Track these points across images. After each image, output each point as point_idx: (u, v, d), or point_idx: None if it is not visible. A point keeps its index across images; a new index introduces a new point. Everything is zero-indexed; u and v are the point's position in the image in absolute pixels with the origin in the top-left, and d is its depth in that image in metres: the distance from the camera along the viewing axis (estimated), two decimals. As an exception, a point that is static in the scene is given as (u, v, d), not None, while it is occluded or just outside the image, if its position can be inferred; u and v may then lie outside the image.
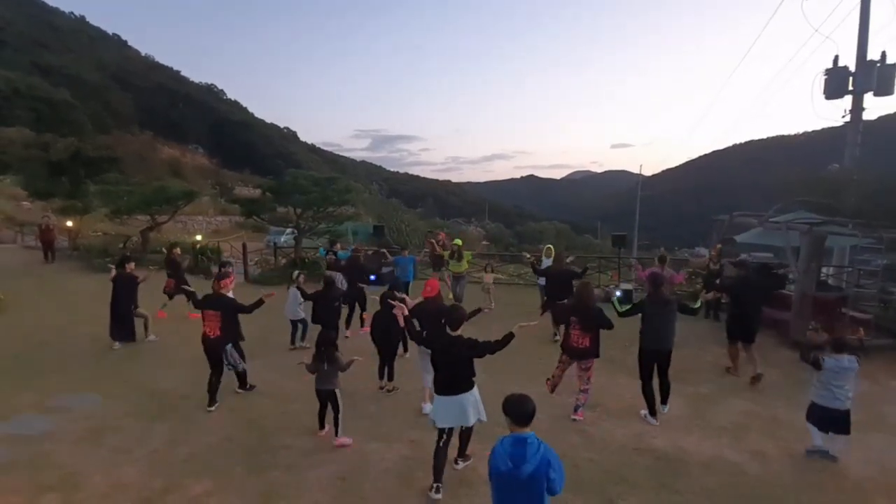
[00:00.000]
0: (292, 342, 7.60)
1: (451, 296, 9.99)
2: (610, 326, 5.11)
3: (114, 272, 7.60)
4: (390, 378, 6.00)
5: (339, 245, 10.71)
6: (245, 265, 14.23)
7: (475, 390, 4.00)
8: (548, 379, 5.49)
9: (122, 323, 7.54)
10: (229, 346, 5.51)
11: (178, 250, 10.02)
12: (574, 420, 5.10)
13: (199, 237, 17.45)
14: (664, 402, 5.33)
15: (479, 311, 5.33)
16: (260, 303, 5.51)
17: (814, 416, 4.48)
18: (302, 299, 7.25)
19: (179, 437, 4.78)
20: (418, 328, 4.68)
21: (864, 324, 7.63)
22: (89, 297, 7.33)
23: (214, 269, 14.74)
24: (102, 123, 52.20)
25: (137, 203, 15.25)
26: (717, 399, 5.79)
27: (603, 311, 5.18)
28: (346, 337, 7.83)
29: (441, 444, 3.92)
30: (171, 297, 9.12)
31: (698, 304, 5.41)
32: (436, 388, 4.03)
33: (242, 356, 5.81)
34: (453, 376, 3.92)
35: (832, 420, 4.36)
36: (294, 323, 7.60)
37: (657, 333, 5.12)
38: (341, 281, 8.26)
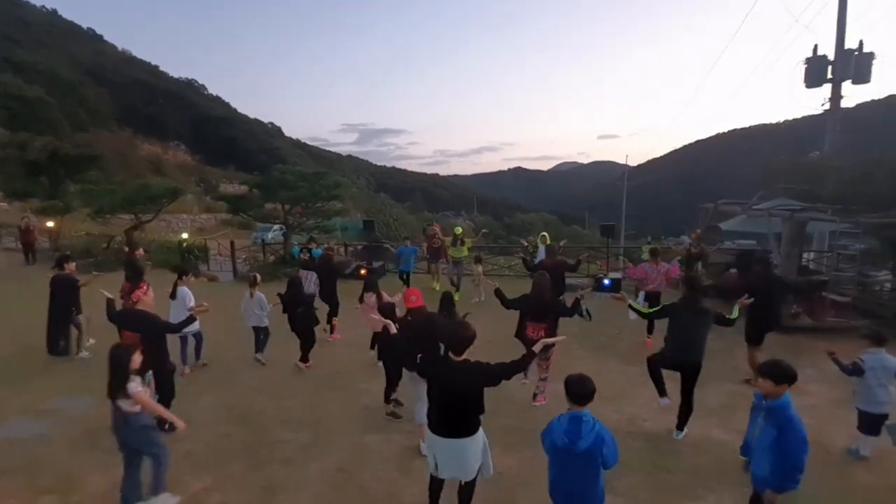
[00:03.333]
0: (256, 350, 6.85)
1: (444, 285, 10.56)
2: (570, 314, 5.14)
3: (52, 273, 6.84)
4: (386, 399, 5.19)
5: (314, 244, 10.42)
6: (234, 263, 14.12)
7: (481, 433, 3.20)
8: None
9: (57, 333, 6.73)
10: (149, 376, 4.43)
11: (140, 251, 9.16)
12: (535, 406, 5.24)
13: (184, 235, 17.23)
14: (680, 427, 4.64)
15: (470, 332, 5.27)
16: (191, 318, 4.76)
17: (864, 424, 4.17)
18: (269, 305, 6.67)
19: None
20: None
21: (843, 306, 7.90)
22: (110, 289, 7.14)
23: (203, 268, 14.63)
24: (79, 121, 50.98)
25: (120, 202, 14.97)
26: (704, 382, 5.90)
27: (562, 302, 5.20)
28: (328, 341, 7.56)
29: (432, 497, 3.32)
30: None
31: (736, 315, 4.64)
32: (430, 426, 3.17)
33: (171, 390, 4.71)
34: (455, 414, 3.09)
35: (873, 422, 4.11)
36: (257, 330, 6.84)
37: (686, 343, 4.50)
38: (314, 281, 8.09)
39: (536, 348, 3.31)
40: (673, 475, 4.02)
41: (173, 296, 6.28)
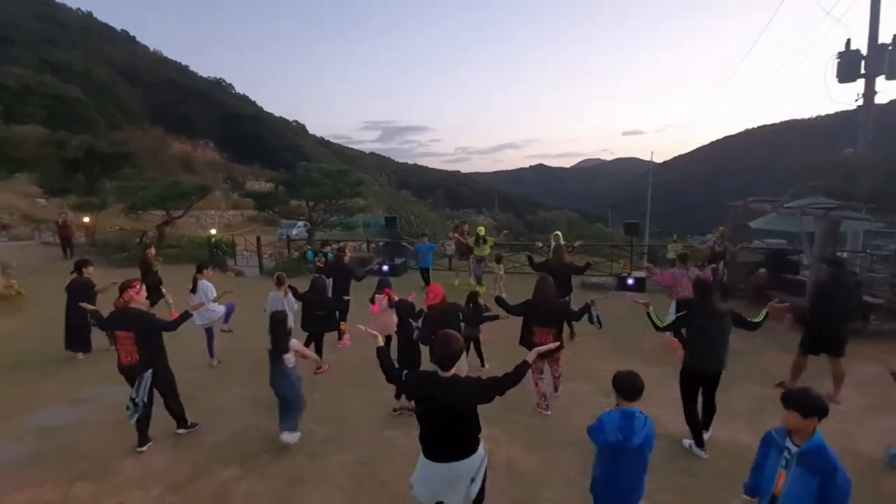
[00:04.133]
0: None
1: (467, 280, 10.85)
2: (577, 318, 5.05)
3: (70, 277, 6.92)
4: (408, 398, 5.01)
5: (329, 247, 9.74)
6: (260, 258, 14.43)
7: (482, 450, 2.94)
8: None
9: (78, 332, 6.85)
10: (147, 376, 4.36)
11: (152, 251, 9.02)
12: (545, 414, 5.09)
13: (213, 231, 17.70)
14: (706, 427, 4.48)
15: (496, 317, 5.26)
16: (186, 315, 4.70)
17: None
18: (294, 306, 6.48)
19: (205, 424, 4.93)
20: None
21: (877, 308, 7.61)
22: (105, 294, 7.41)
23: (230, 263, 15.01)
24: (113, 120, 52.82)
25: (152, 198, 15.49)
26: (730, 384, 5.79)
27: (567, 304, 5.09)
28: (337, 347, 7.34)
29: None
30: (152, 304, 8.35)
31: (762, 318, 4.31)
32: (424, 451, 2.90)
33: (172, 386, 4.67)
34: (451, 435, 2.83)
35: None
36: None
37: (706, 352, 4.23)
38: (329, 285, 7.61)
39: (530, 358, 2.98)
40: (696, 478, 3.95)
41: (194, 290, 6.48)
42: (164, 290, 8.11)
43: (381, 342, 3.23)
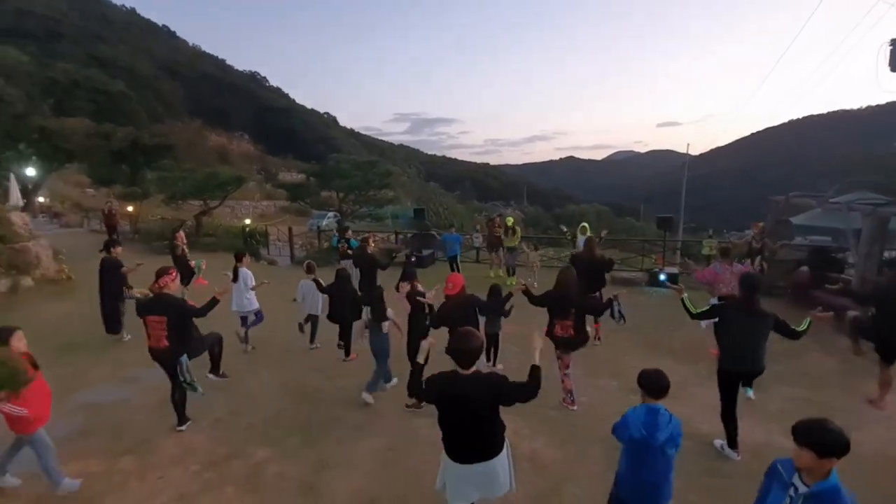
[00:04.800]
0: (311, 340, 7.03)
1: (499, 273, 11.26)
2: (598, 312, 4.96)
3: (101, 256, 7.18)
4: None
5: (349, 233, 10.27)
6: (291, 248, 14.79)
7: (507, 451, 2.85)
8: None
9: (110, 312, 7.13)
10: (185, 360, 4.55)
11: (181, 234, 9.18)
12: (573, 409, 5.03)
13: (247, 221, 18.24)
14: (748, 385, 4.54)
15: (510, 295, 5.18)
16: (214, 302, 4.68)
17: None
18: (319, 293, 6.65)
19: (240, 408, 5.14)
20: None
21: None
22: (150, 277, 7.76)
23: (263, 252, 15.45)
24: (155, 113, 54.81)
25: (191, 189, 16.08)
26: (767, 385, 5.62)
27: (591, 298, 4.99)
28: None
29: None
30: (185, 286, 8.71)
31: (805, 327, 3.94)
32: (449, 454, 2.80)
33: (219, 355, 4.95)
34: (476, 435, 2.72)
35: None
36: (309, 317, 6.98)
37: (745, 352, 4.02)
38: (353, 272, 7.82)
39: (535, 359, 2.81)
40: (726, 480, 3.86)
41: (235, 279, 6.66)
42: (192, 264, 8.67)
43: (428, 345, 2.99)
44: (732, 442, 4.20)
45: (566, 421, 4.81)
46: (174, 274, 4.66)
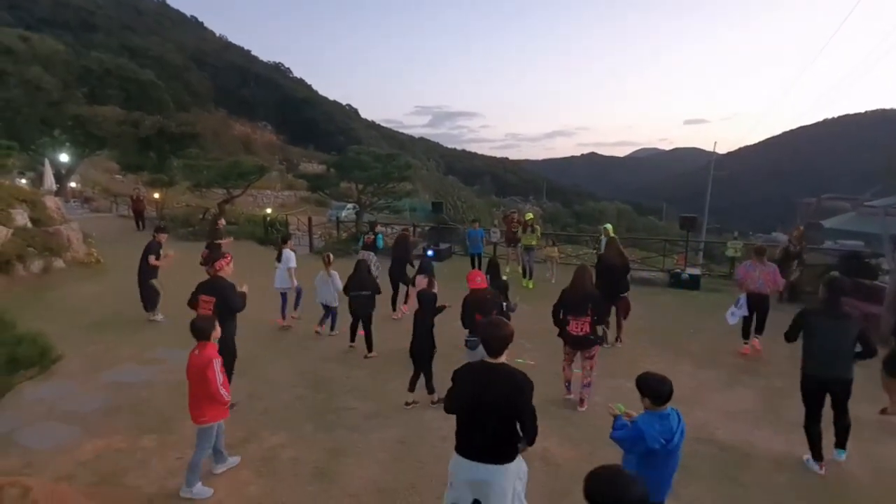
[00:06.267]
0: (320, 323, 7.24)
1: (516, 270, 10.99)
2: (605, 313, 4.96)
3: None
4: (429, 391, 5.07)
5: (379, 227, 10.54)
6: (310, 237, 14.96)
7: (518, 464, 2.67)
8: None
9: (141, 292, 7.56)
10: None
11: (222, 222, 9.81)
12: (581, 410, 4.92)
13: (268, 210, 18.51)
14: (841, 445, 4.06)
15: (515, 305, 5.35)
16: (244, 296, 4.83)
17: None
18: (339, 285, 6.79)
19: (257, 392, 5.24)
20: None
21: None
22: (176, 263, 7.96)
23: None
24: (182, 101, 55.83)
25: (215, 177, 16.37)
26: (790, 393, 5.43)
27: (601, 298, 4.95)
28: (394, 318, 7.90)
29: None
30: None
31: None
32: (458, 447, 2.70)
33: (231, 359, 4.65)
34: (489, 430, 2.57)
35: None
36: (326, 308, 7.16)
37: (830, 356, 3.85)
38: (375, 262, 8.09)
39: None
40: (744, 489, 3.77)
41: (279, 258, 7.49)
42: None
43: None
44: (817, 455, 3.98)
45: (581, 420, 4.76)
46: (229, 258, 4.95)
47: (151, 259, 7.47)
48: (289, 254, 7.50)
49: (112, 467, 3.89)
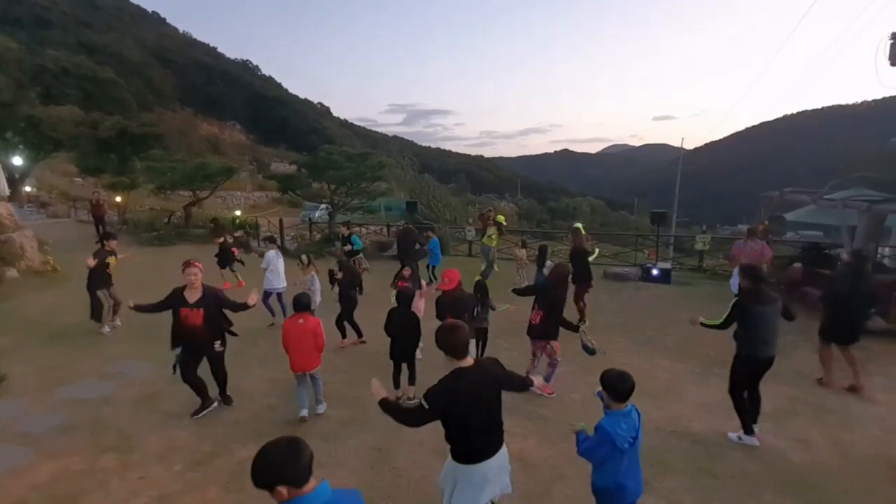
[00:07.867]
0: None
1: (495, 267, 10.78)
2: (558, 311, 5.03)
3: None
4: (411, 382, 5.15)
5: (346, 229, 10.37)
6: (282, 239, 14.61)
7: (505, 449, 2.80)
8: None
9: (91, 301, 7.32)
10: (218, 344, 4.82)
11: (223, 238, 9.94)
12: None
13: (237, 212, 18.00)
14: (754, 420, 4.38)
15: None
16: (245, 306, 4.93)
17: None
18: (319, 286, 7.17)
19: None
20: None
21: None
22: (138, 269, 7.65)
23: (254, 244, 15.26)
24: (145, 100, 53.92)
25: (180, 179, 15.81)
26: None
27: (564, 297, 5.12)
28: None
29: None
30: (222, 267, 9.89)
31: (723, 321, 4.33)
32: (466, 454, 2.69)
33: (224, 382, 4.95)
34: (490, 425, 2.70)
35: None
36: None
37: (765, 337, 4.19)
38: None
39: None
40: (719, 480, 3.82)
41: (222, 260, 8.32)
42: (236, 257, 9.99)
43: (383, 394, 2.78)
44: (749, 429, 4.31)
45: (558, 419, 4.75)
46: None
47: (89, 261, 7.13)
48: (268, 255, 7.58)
49: (69, 490, 3.67)
